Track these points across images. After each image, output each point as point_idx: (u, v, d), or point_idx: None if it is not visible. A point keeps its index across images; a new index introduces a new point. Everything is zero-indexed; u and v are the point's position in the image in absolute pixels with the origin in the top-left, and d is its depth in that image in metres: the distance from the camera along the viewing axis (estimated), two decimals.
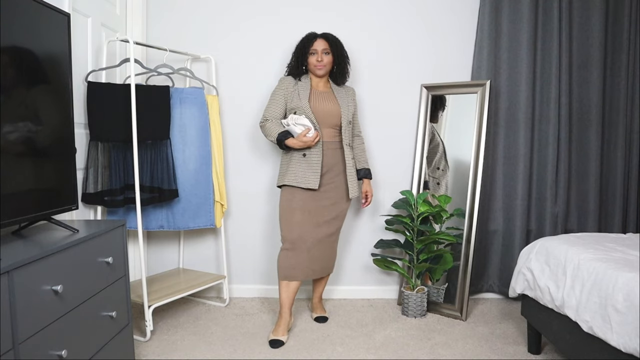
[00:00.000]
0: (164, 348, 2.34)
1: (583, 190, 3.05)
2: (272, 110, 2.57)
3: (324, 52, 2.56)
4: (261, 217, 3.09)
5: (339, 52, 2.61)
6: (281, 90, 2.57)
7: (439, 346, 2.39)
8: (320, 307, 2.78)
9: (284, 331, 2.46)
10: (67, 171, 1.81)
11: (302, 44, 2.60)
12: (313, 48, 2.55)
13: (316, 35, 2.60)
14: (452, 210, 2.86)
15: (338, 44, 2.62)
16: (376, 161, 3.07)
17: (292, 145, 2.46)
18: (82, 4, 2.36)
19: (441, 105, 3.03)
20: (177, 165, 2.66)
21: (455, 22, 3.03)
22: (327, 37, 2.60)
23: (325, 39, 2.58)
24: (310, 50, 2.56)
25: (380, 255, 2.91)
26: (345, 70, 2.67)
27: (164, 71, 2.71)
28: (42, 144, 1.67)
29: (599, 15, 2.93)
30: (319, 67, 2.56)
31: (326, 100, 2.58)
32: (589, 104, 3.00)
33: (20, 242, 1.55)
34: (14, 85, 1.51)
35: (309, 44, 2.56)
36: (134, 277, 2.82)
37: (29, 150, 1.60)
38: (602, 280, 1.69)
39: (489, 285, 3.08)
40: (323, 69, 2.57)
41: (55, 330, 1.45)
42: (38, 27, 1.63)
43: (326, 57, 2.57)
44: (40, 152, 1.66)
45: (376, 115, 3.05)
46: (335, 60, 2.61)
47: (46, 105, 1.69)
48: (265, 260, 3.11)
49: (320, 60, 2.55)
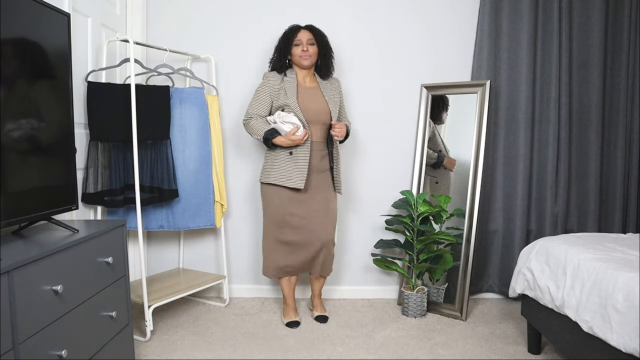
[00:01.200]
0: (164, 348, 2.34)
1: (583, 190, 3.05)
2: (257, 107, 2.55)
3: (309, 43, 2.55)
4: (261, 217, 3.08)
5: (323, 43, 2.60)
6: (266, 87, 2.55)
7: (439, 346, 2.39)
8: (320, 306, 2.78)
9: (295, 313, 2.66)
10: (67, 171, 1.81)
11: (285, 36, 2.58)
12: (297, 39, 2.54)
13: (299, 26, 2.59)
14: (452, 210, 2.86)
15: (322, 35, 2.61)
16: (376, 161, 3.07)
17: (281, 144, 2.47)
18: (82, 4, 2.36)
19: (444, 106, 3.02)
20: (177, 165, 2.66)
21: (455, 22, 3.03)
22: (311, 28, 2.59)
23: (310, 30, 2.58)
24: (294, 41, 2.54)
25: (380, 255, 2.91)
26: (330, 62, 2.66)
27: (164, 71, 2.71)
28: (42, 144, 1.67)
29: (599, 15, 2.93)
30: (304, 57, 2.54)
31: (314, 97, 2.57)
32: (589, 104, 3.00)
33: (20, 242, 1.55)
34: (14, 85, 1.51)
35: (292, 35, 2.55)
36: (134, 277, 2.81)
37: (29, 150, 1.60)
38: (602, 280, 1.69)
39: (489, 285, 3.08)
40: (309, 59, 2.55)
41: (55, 330, 1.44)
42: (38, 27, 1.63)
43: (311, 48, 2.55)
44: (41, 152, 1.66)
45: (376, 115, 3.05)
46: (320, 52, 2.59)
47: (46, 105, 1.69)
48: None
49: (305, 50, 2.53)
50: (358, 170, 3.09)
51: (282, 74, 2.57)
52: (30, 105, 1.60)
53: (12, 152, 1.49)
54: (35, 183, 1.63)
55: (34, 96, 1.62)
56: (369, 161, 3.09)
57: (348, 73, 3.03)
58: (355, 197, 3.09)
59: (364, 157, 3.09)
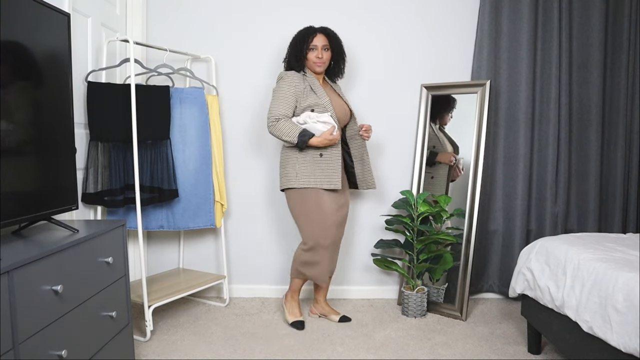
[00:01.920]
0: (164, 348, 2.34)
1: (583, 190, 3.05)
2: (282, 107, 2.42)
3: (324, 49, 2.50)
4: (261, 217, 3.09)
5: (338, 48, 2.56)
6: (291, 87, 2.43)
7: (439, 346, 2.39)
8: (332, 308, 2.75)
9: (301, 312, 2.63)
10: (67, 171, 1.81)
11: (301, 37, 2.50)
12: (313, 44, 2.48)
13: (315, 30, 2.52)
14: (452, 210, 2.86)
15: (338, 40, 2.57)
16: (376, 161, 3.07)
17: (317, 144, 2.39)
18: (82, 4, 2.36)
19: (449, 107, 3.00)
20: (177, 165, 2.66)
21: (455, 22, 3.03)
22: (327, 32, 2.53)
23: (326, 35, 2.52)
24: (310, 45, 2.48)
25: (380, 255, 2.91)
26: (342, 67, 2.63)
27: (164, 71, 2.71)
28: (42, 144, 1.67)
29: (599, 15, 2.93)
30: (318, 65, 2.49)
31: (336, 97, 2.56)
32: (589, 104, 3.00)
33: (20, 242, 1.55)
34: (14, 85, 1.51)
35: (308, 39, 2.48)
36: (134, 277, 2.82)
37: (28, 150, 1.60)
38: (602, 280, 1.69)
39: (489, 285, 3.08)
40: (322, 66, 2.52)
41: (55, 330, 1.45)
42: (38, 27, 1.63)
43: (326, 54, 2.51)
44: (40, 152, 1.66)
45: (376, 115, 3.05)
46: (333, 57, 2.56)
47: (46, 105, 1.69)
48: (265, 260, 3.11)
49: (320, 57, 2.48)
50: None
51: (301, 73, 2.49)
52: (30, 105, 1.60)
53: (11, 151, 1.49)
54: (35, 183, 1.64)
55: (34, 96, 1.62)
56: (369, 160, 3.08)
57: (348, 73, 3.02)
58: (355, 196, 3.09)
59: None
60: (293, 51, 2.51)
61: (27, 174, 1.59)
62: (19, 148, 1.54)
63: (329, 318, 2.72)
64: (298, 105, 2.45)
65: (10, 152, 1.48)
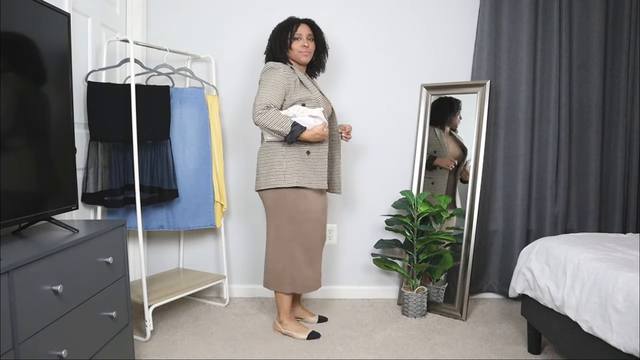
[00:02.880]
0: (164, 348, 2.34)
1: (583, 190, 3.05)
2: (273, 96, 2.26)
3: (309, 38, 2.41)
4: (261, 217, 3.09)
5: (321, 41, 2.49)
6: (282, 78, 2.29)
7: (439, 346, 2.39)
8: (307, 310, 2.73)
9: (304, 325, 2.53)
10: (67, 171, 1.81)
11: (285, 27, 2.40)
12: (297, 33, 2.39)
13: (299, 19, 2.44)
14: (452, 210, 2.86)
15: (321, 32, 2.48)
16: (376, 161, 3.07)
17: (308, 139, 2.26)
18: (82, 4, 2.36)
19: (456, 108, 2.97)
20: (177, 165, 2.66)
21: (455, 22, 3.03)
22: (311, 23, 2.45)
23: (310, 25, 2.43)
24: (294, 34, 2.39)
25: (380, 255, 2.91)
26: (324, 61, 2.54)
27: (164, 71, 2.71)
28: (42, 144, 1.67)
29: (599, 15, 2.93)
30: (304, 53, 2.39)
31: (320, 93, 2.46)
32: (589, 104, 3.00)
33: (20, 242, 1.55)
34: (14, 85, 1.51)
35: (293, 28, 2.39)
36: (134, 277, 2.82)
37: (28, 150, 1.60)
38: (602, 280, 1.69)
39: (489, 285, 3.08)
40: (309, 55, 2.41)
41: (55, 330, 1.45)
42: (38, 27, 1.63)
43: (311, 44, 2.42)
44: (40, 152, 1.66)
45: (376, 115, 3.05)
46: (316, 49, 2.47)
47: (46, 105, 1.69)
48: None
49: (306, 46, 2.39)
50: (358, 170, 3.09)
51: (289, 66, 2.37)
52: (30, 105, 1.60)
53: (11, 151, 1.49)
54: (35, 183, 1.64)
55: (34, 96, 1.62)
56: (368, 161, 3.09)
57: (347, 72, 3.04)
58: (355, 197, 3.09)
59: (363, 157, 3.09)
60: (277, 41, 2.41)
61: (27, 174, 1.59)
62: (19, 148, 1.54)
63: (306, 320, 2.66)
64: (287, 99, 2.31)
65: (10, 152, 1.48)
